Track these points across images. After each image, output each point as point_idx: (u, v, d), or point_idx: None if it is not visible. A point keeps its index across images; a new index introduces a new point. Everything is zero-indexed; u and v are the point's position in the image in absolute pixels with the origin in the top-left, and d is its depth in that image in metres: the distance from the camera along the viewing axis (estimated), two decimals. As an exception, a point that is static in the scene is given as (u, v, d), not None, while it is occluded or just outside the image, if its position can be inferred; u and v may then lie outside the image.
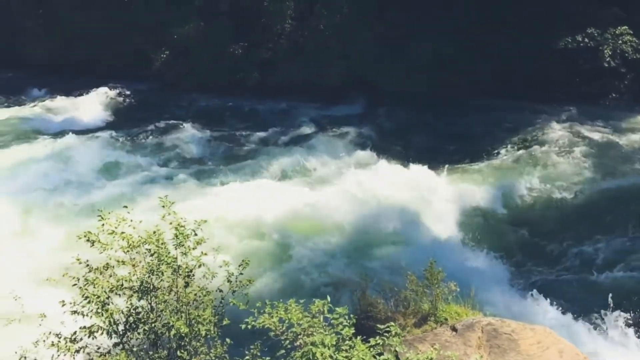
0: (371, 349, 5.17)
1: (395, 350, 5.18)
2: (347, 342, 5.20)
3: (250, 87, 26.33)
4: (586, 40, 23.30)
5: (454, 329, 8.35)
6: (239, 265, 7.42)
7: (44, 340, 6.69)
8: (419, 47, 23.95)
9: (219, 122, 23.22)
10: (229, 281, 7.27)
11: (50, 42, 30.31)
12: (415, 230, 13.55)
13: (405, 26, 24.27)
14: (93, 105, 25.15)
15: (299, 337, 5.39)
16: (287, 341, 5.47)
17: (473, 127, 21.46)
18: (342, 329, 5.30)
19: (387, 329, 5.26)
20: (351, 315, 5.53)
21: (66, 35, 29.93)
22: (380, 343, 5.21)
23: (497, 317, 8.77)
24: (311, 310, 5.61)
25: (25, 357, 6.66)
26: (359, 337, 5.27)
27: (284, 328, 5.59)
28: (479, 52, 23.32)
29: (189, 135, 21.45)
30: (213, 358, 6.81)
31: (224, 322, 7.13)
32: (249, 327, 5.78)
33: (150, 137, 21.34)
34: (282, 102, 24.83)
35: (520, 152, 19.50)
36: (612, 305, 11.14)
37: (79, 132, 21.99)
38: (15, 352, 6.70)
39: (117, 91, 26.83)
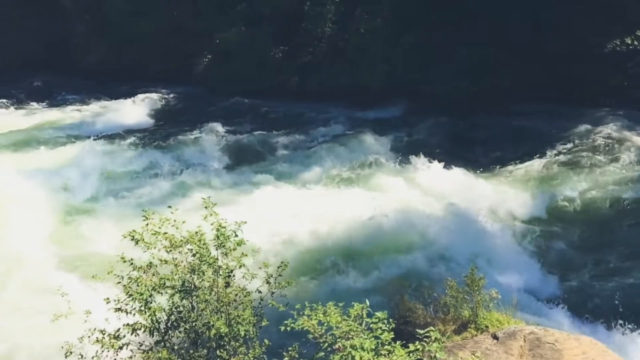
0: (410, 355, 5.10)
1: (435, 357, 5.10)
2: (386, 346, 5.15)
3: (291, 90, 26.51)
4: (635, 43, 22.55)
5: (495, 337, 8.17)
6: (278, 267, 7.47)
7: (89, 336, 6.86)
8: (462, 51, 23.62)
9: (260, 125, 23.44)
10: (267, 283, 7.33)
11: (100, 47, 31.33)
12: (455, 236, 13.33)
13: (448, 29, 23.98)
14: (139, 108, 25.80)
15: (338, 340, 5.36)
16: (326, 344, 5.45)
17: (517, 131, 21.01)
18: (381, 334, 5.25)
19: (427, 334, 5.18)
20: (390, 320, 5.48)
21: (116, 40, 30.90)
22: (420, 349, 5.13)
23: (540, 326, 8.54)
24: (350, 313, 5.58)
25: (71, 352, 6.82)
26: (398, 342, 5.21)
27: (322, 331, 5.57)
28: (524, 55, 22.84)
29: (230, 139, 21.75)
30: (251, 358, 6.86)
31: (263, 323, 7.18)
32: (288, 328, 5.79)
33: (193, 139, 21.71)
34: (323, 106, 24.86)
35: (565, 158, 18.99)
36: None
37: (125, 134, 22.61)
38: (62, 347, 6.88)
39: (162, 95, 27.47)
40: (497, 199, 15.35)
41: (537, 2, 22.90)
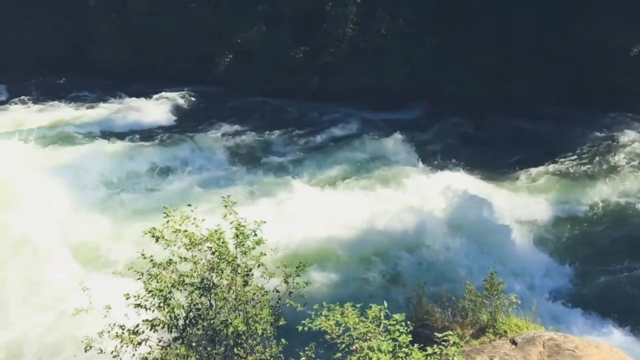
0: (428, 358, 5.08)
1: (453, 360, 5.06)
2: (403, 349, 5.14)
3: (311, 91, 26.54)
4: (662, 46, 22.18)
5: (513, 342, 8.09)
6: (296, 267, 7.49)
7: (109, 331, 6.94)
8: (484, 52, 23.46)
9: (280, 125, 23.50)
10: (285, 282, 7.35)
11: (122, 46, 31.68)
12: (474, 240, 13.23)
13: (470, 30, 23.84)
14: (160, 107, 26.05)
15: (355, 341, 5.36)
16: (343, 345, 5.45)
17: (541, 135, 20.76)
18: (398, 336, 5.24)
19: (445, 338, 5.16)
20: (408, 322, 5.46)
21: (138, 40, 31.25)
22: (438, 352, 5.11)
23: (559, 332, 8.44)
24: (368, 315, 5.57)
25: (90, 347, 6.91)
26: (415, 345, 5.19)
27: (340, 332, 5.57)
28: (548, 57, 22.59)
29: (249, 138, 21.85)
30: (268, 357, 6.89)
31: (280, 322, 7.20)
32: (305, 328, 5.80)
33: (213, 138, 21.84)
34: (343, 106, 24.86)
35: (587, 162, 18.73)
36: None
37: (146, 132, 22.86)
38: (82, 341, 6.97)
39: (184, 94, 27.69)
40: (516, 203, 15.20)
41: (560, 3, 22.61)
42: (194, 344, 6.88)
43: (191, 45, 29.77)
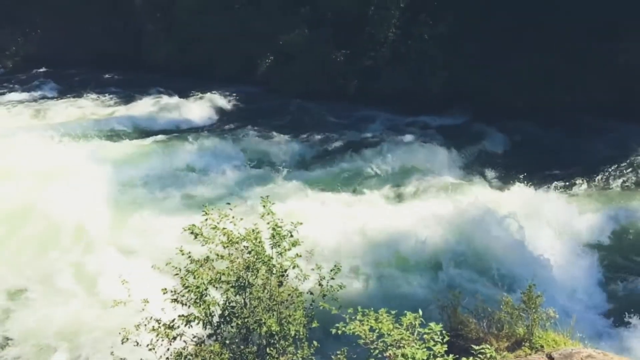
0: (463, 369, 5.01)
1: (488, 373, 4.97)
2: (438, 358, 5.07)
3: (350, 94, 26.52)
4: None
5: (550, 357, 7.89)
6: (331, 271, 7.49)
7: (145, 325, 7.08)
8: (525, 59, 23.02)
9: (319, 128, 23.55)
10: (320, 285, 7.37)
11: (168, 45, 32.37)
12: (514, 250, 12.95)
13: (512, 36, 23.42)
14: (201, 106, 26.44)
15: (389, 348, 5.33)
16: (377, 351, 5.42)
17: (582, 146, 20.18)
18: (433, 345, 5.18)
19: (482, 350, 5.07)
20: (444, 332, 5.38)
21: (183, 39, 31.87)
22: (473, 364, 5.04)
23: (598, 350, 8.19)
24: (402, 322, 5.53)
25: (127, 339, 7.06)
26: (451, 356, 5.12)
27: (374, 337, 5.54)
28: (592, 67, 22.00)
29: (288, 140, 21.96)
30: (300, 359, 6.91)
31: (313, 325, 7.22)
32: (339, 332, 5.79)
33: (252, 139, 22.05)
34: (382, 110, 24.74)
35: (632, 177, 18.13)
36: None
37: (187, 131, 23.25)
38: (119, 333, 7.12)
39: (225, 94, 28.01)
40: (559, 216, 14.79)
41: (607, 10, 21.93)
42: (227, 342, 6.95)
43: (234, 46, 30.18)
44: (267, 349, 6.86)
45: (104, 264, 12.82)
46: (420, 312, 5.57)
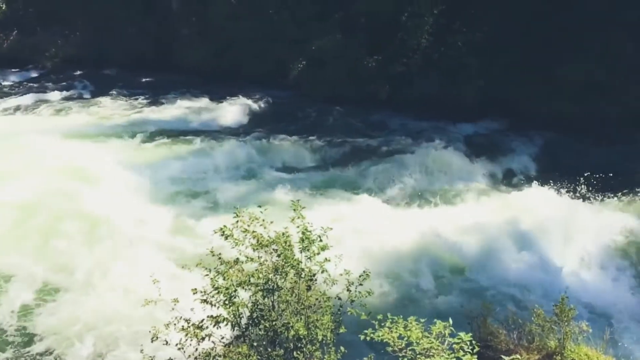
0: (493, 380, 4.93)
1: (519, 386, 4.88)
2: (467, 369, 5.01)
3: (381, 100, 26.45)
4: None
5: (582, 372, 7.72)
6: (360, 276, 7.46)
7: (175, 324, 7.16)
8: (566, 69, 22.57)
9: (349, 133, 23.53)
10: (348, 290, 7.34)
11: (202, 49, 32.86)
12: (548, 263, 12.70)
13: (552, 45, 23.02)
14: (234, 108, 26.71)
15: (418, 356, 5.28)
16: (405, 359, 5.37)
17: (629, 159, 19.47)
18: (463, 355, 5.11)
19: (512, 362, 4.99)
20: (474, 342, 5.31)
21: (217, 43, 32.32)
22: (504, 376, 4.95)
23: (633, 367, 7.97)
24: (432, 330, 5.47)
25: (157, 337, 7.15)
26: (480, 366, 5.05)
27: (402, 345, 5.50)
28: (634, 76, 21.43)
29: (318, 145, 21.98)
30: (326, 364, 6.89)
31: (341, 330, 7.19)
32: (368, 338, 5.76)
33: (282, 143, 22.15)
34: (413, 117, 24.59)
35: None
36: None
37: (218, 133, 23.48)
38: (149, 331, 7.22)
39: (256, 98, 28.26)
40: (596, 229, 14.40)
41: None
42: (255, 344, 6.98)
43: (266, 51, 30.46)
44: (294, 353, 6.86)
45: (135, 262, 13.02)
46: (451, 321, 5.51)
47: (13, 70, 35.69)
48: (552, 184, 16.89)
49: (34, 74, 35.25)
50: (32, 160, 18.36)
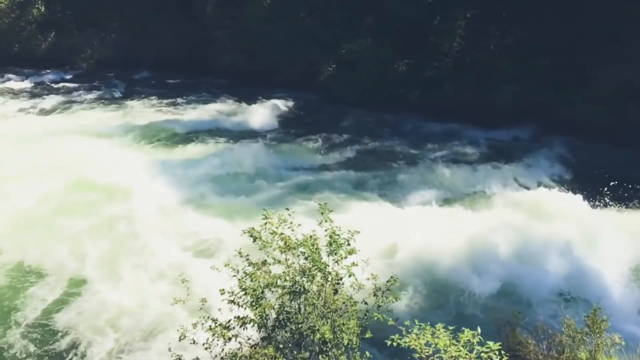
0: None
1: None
2: (495, 378, 4.93)
3: (411, 104, 26.31)
4: None
5: (614, 386, 7.52)
6: (387, 282, 7.41)
7: (202, 324, 7.23)
8: (603, 75, 22.06)
9: (379, 137, 23.48)
10: (375, 295, 7.30)
11: (234, 51, 33.23)
12: (581, 272, 12.39)
13: (589, 49, 22.54)
14: (265, 111, 26.91)
15: (445, 364, 5.22)
16: (432, 366, 5.32)
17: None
18: (491, 364, 5.03)
19: (542, 373, 4.89)
20: (503, 352, 5.22)
21: (249, 46, 32.64)
22: (533, 387, 4.85)
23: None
24: (460, 338, 5.40)
25: (185, 336, 7.23)
26: (509, 376, 4.96)
27: (430, 352, 5.44)
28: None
29: (347, 148, 21.97)
30: (352, 368, 6.87)
31: (367, 335, 7.15)
32: (394, 344, 5.71)
33: (313, 145, 22.21)
34: (443, 121, 24.37)
35: None
36: None
37: (248, 135, 23.70)
38: (177, 330, 7.31)
39: (287, 100, 28.45)
40: (630, 240, 14.00)
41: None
42: (281, 346, 7.00)
43: (297, 54, 30.61)
44: (320, 356, 6.85)
45: (163, 259, 13.22)
46: (479, 330, 5.42)
47: (50, 70, 36.62)
48: (584, 192, 16.53)
49: (70, 75, 36.11)
50: (68, 158, 18.79)
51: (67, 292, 12.44)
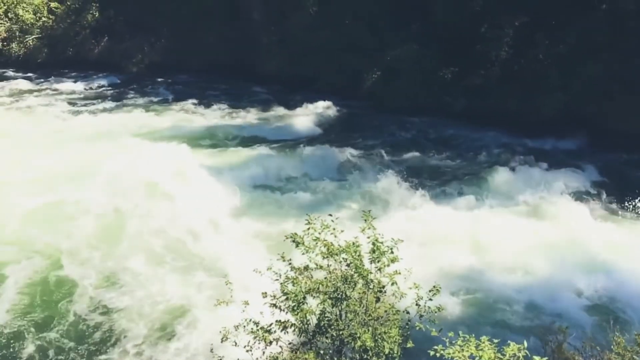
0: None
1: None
2: (541, 395, 4.79)
3: (456, 112, 25.97)
4: None
5: (666, 409, 7.19)
6: (429, 291, 7.33)
7: (244, 326, 7.31)
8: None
9: (423, 145, 23.24)
10: (417, 304, 7.22)
11: (279, 58, 33.58)
12: (632, 288, 11.98)
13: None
14: (309, 117, 27.10)
15: (489, 378, 5.11)
16: (476, 379, 5.22)
17: None
18: (537, 380, 4.90)
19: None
20: (550, 368, 5.08)
21: (294, 52, 32.93)
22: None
23: None
24: (505, 352, 5.28)
25: (227, 338, 7.32)
26: (556, 393, 4.82)
27: (473, 365, 5.35)
28: None
29: (391, 155, 21.83)
30: (392, 377, 6.80)
31: (408, 345, 7.09)
32: (437, 354, 5.63)
33: (353, 152, 22.14)
34: (489, 130, 23.95)
35: None
36: None
37: (293, 141, 23.85)
38: (220, 332, 7.41)
39: (330, 107, 28.53)
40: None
41: None
42: (321, 352, 7.00)
43: (342, 61, 30.65)
44: (360, 364, 6.83)
45: (208, 262, 13.42)
46: (525, 344, 5.29)
47: (102, 74, 37.80)
48: (628, 207, 15.94)
49: (121, 79, 37.20)
50: (118, 160, 19.30)
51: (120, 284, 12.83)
